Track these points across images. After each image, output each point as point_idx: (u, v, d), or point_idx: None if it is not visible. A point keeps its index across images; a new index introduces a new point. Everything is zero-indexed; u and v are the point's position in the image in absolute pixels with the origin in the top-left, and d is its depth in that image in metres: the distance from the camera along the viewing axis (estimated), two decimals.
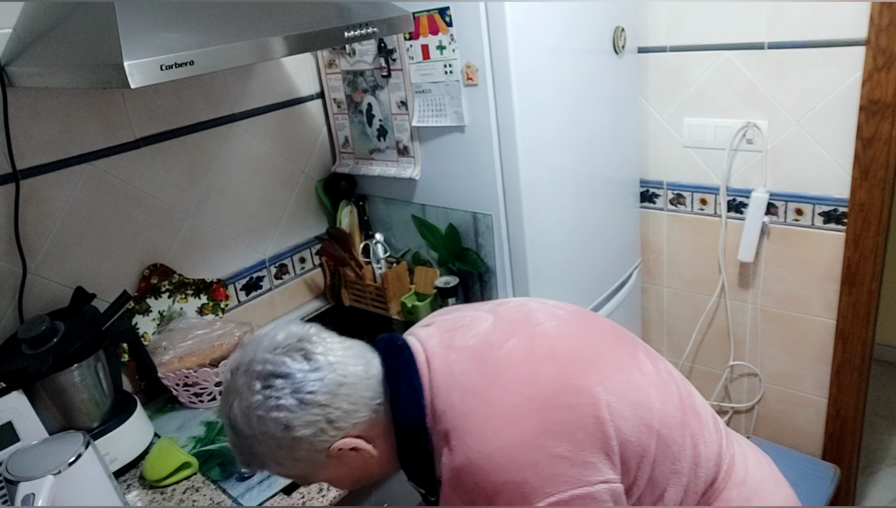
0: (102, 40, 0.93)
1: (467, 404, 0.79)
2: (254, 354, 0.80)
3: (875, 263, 1.63)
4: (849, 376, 1.76)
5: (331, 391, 0.78)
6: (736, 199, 1.80)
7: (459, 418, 0.79)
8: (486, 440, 0.76)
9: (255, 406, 0.77)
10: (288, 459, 0.79)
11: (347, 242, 1.73)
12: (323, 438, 0.78)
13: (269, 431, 0.77)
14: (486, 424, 0.77)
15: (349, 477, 0.85)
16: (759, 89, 1.67)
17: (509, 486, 0.74)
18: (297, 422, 0.76)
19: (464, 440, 0.77)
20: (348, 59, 1.64)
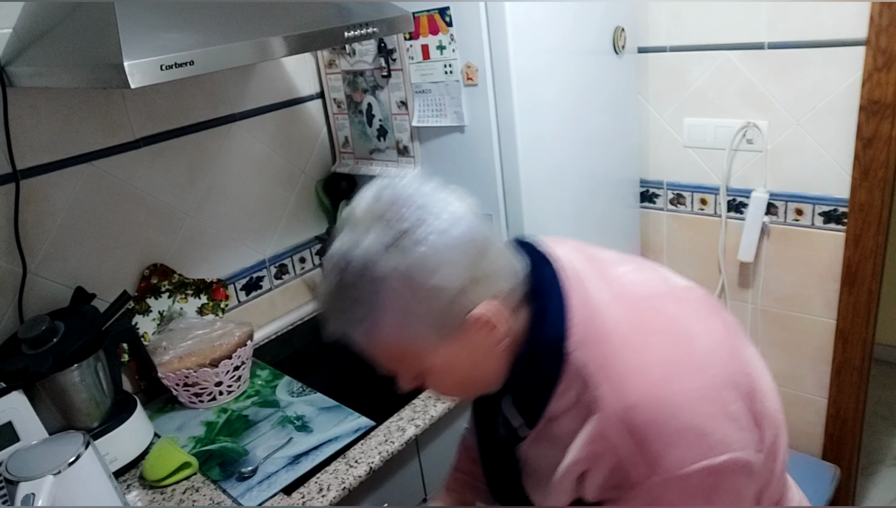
0: (102, 40, 0.93)
1: (643, 334, 0.70)
2: (398, 185, 0.68)
3: (875, 263, 1.63)
4: (849, 376, 1.76)
5: (481, 245, 0.68)
6: (736, 199, 1.80)
7: (632, 347, 0.69)
8: (675, 374, 0.67)
9: (400, 237, 0.64)
10: (416, 315, 0.66)
11: None
12: (463, 299, 0.66)
13: (411, 271, 0.64)
14: (672, 356, 0.69)
15: (463, 368, 0.72)
16: (759, 89, 1.67)
17: (693, 431, 0.65)
18: (446, 267, 0.65)
19: (642, 371, 0.67)
20: (348, 59, 1.64)
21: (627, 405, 0.66)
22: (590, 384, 0.69)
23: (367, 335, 0.68)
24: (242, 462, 1.23)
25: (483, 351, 0.71)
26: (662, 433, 0.65)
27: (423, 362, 0.71)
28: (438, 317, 0.67)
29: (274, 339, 1.72)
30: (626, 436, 0.66)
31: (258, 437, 1.30)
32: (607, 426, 0.67)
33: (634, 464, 0.65)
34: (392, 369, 0.73)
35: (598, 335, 0.71)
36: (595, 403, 0.68)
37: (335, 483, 1.16)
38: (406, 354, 0.70)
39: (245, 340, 1.46)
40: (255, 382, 1.50)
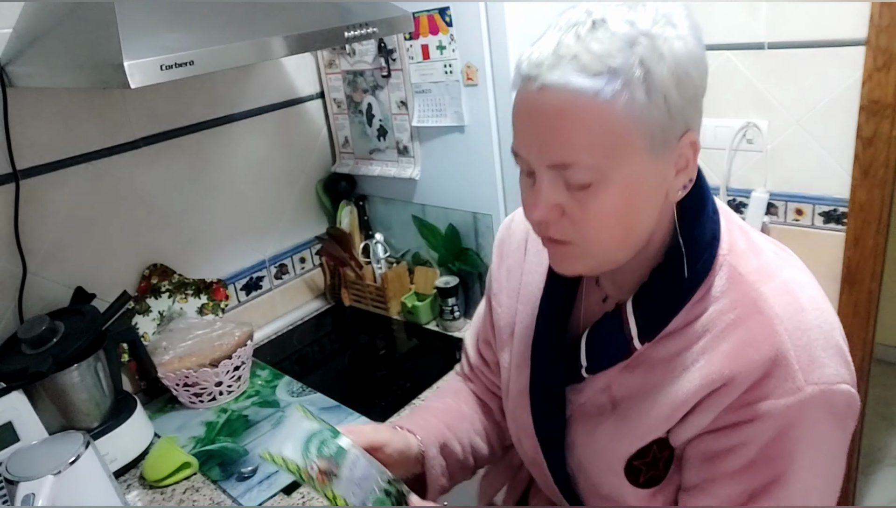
0: (102, 40, 0.93)
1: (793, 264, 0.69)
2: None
3: (875, 263, 1.63)
4: None
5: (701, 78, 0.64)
6: (736, 199, 1.80)
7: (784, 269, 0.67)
8: (824, 301, 0.66)
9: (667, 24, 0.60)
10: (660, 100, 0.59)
11: (347, 242, 1.74)
12: (690, 109, 0.62)
13: (674, 50, 0.59)
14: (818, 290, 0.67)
15: (633, 198, 0.62)
16: (759, 89, 1.67)
17: (843, 355, 0.64)
18: (700, 65, 0.62)
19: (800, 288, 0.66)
20: (348, 59, 1.64)
21: (799, 306, 0.63)
22: (747, 283, 0.65)
23: (598, 96, 0.57)
24: (242, 462, 1.23)
25: (659, 192, 0.64)
26: (825, 344, 0.62)
27: (620, 162, 0.59)
28: (672, 115, 0.59)
29: (274, 339, 1.72)
30: (795, 336, 0.62)
31: (258, 437, 1.30)
32: (777, 323, 0.62)
33: (798, 368, 0.61)
34: (574, 155, 0.59)
35: (749, 245, 0.68)
36: (760, 302, 0.64)
37: None
38: (615, 140, 0.58)
39: (245, 340, 1.46)
40: (255, 382, 1.50)
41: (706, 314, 0.66)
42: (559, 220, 0.63)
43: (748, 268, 0.67)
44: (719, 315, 0.65)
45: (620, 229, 0.63)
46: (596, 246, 0.64)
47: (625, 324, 0.70)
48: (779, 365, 0.61)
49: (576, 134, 0.58)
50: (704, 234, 0.67)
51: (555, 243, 0.66)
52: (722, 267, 0.67)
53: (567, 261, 0.67)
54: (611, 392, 0.73)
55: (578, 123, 0.58)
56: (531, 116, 0.60)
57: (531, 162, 0.62)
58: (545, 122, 0.59)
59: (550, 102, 0.58)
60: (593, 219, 0.62)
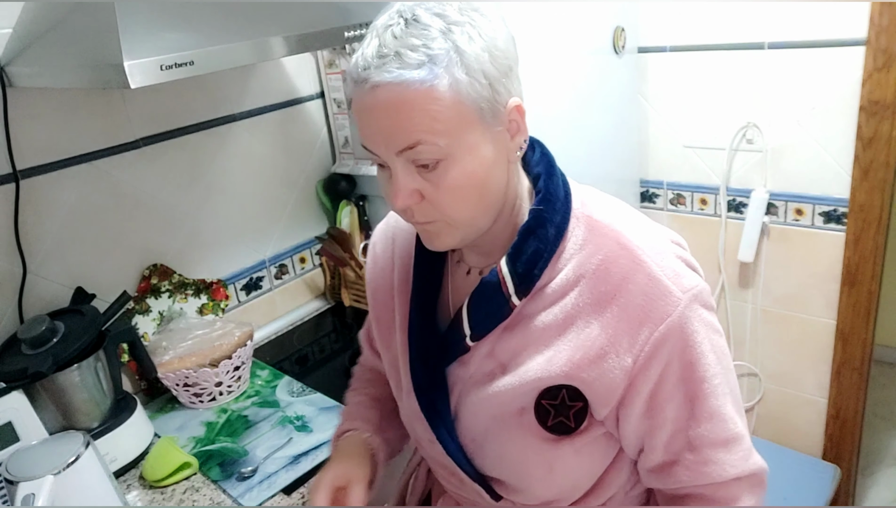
0: (102, 40, 0.93)
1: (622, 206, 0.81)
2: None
3: (875, 263, 1.63)
4: (849, 376, 1.76)
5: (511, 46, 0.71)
6: (736, 199, 1.80)
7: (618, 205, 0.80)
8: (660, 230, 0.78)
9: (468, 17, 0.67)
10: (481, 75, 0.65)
11: (347, 242, 1.74)
12: (509, 79, 0.69)
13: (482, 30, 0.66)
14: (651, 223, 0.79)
15: (482, 167, 0.68)
16: (759, 89, 1.67)
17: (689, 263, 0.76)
18: (507, 43, 0.69)
19: (641, 220, 0.78)
20: (348, 59, 1.64)
21: (652, 237, 0.74)
22: (607, 228, 0.74)
23: (424, 84, 0.63)
24: (242, 462, 1.23)
25: (501, 156, 0.70)
26: (679, 257, 0.74)
27: (458, 137, 0.65)
28: (493, 87, 0.66)
29: (274, 339, 1.72)
30: (657, 261, 0.71)
31: (258, 437, 1.30)
32: (641, 254, 0.72)
33: (671, 284, 0.70)
34: (417, 136, 0.65)
35: (593, 198, 0.79)
36: (622, 241, 0.73)
37: None
38: (449, 119, 0.64)
39: (245, 340, 1.46)
40: (255, 382, 1.50)
41: (574, 262, 0.74)
42: (420, 204, 0.70)
43: (602, 215, 0.76)
44: (588, 260, 0.73)
45: (475, 198, 0.70)
46: (458, 218, 0.70)
47: (502, 284, 0.75)
48: (655, 287, 0.70)
49: (413, 120, 0.64)
50: (558, 191, 0.76)
51: (422, 225, 0.73)
52: (579, 219, 0.76)
53: (438, 238, 0.73)
54: (496, 356, 0.78)
55: (413, 111, 0.64)
56: (371, 114, 0.66)
57: (381, 154, 0.68)
58: (384, 115, 0.65)
59: (384, 98, 0.64)
60: (448, 194, 0.68)
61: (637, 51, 1.80)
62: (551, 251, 0.74)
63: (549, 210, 0.74)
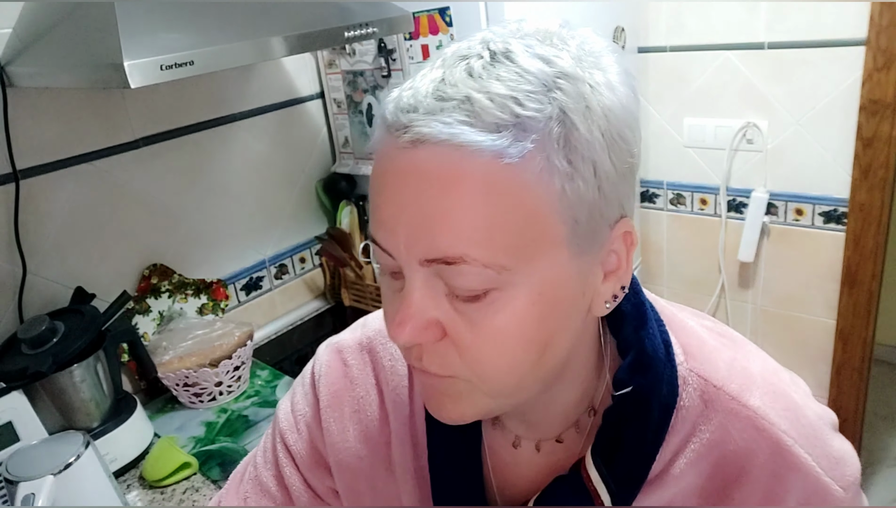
0: (102, 40, 0.93)
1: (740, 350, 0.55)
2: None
3: (875, 263, 1.63)
4: (849, 376, 1.76)
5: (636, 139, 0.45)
6: (736, 199, 1.80)
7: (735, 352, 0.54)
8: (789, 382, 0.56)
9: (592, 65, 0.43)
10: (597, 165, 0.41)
11: (347, 242, 1.74)
12: (627, 189, 0.45)
13: (623, 105, 0.43)
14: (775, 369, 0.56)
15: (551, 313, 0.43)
16: (759, 89, 1.67)
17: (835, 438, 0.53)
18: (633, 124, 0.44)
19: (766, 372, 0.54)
20: (348, 59, 1.64)
21: (793, 406, 0.51)
22: (733, 406, 0.50)
23: (501, 159, 0.39)
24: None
25: (584, 302, 0.46)
26: (831, 428, 0.53)
27: (529, 261, 0.41)
28: (604, 192, 0.42)
29: (274, 339, 1.72)
30: (811, 448, 0.49)
31: (258, 437, 1.30)
32: (790, 442, 0.49)
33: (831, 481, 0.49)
34: (463, 247, 0.39)
35: (700, 343, 0.53)
36: (758, 420, 0.49)
37: None
38: (525, 226, 0.40)
39: (245, 340, 1.46)
40: (255, 382, 1.50)
41: (690, 450, 0.50)
42: (438, 344, 0.43)
43: (721, 376, 0.51)
44: (711, 451, 0.49)
45: (532, 356, 0.44)
46: (496, 381, 0.44)
47: (591, 493, 0.50)
48: (815, 493, 0.48)
49: (465, 215, 0.39)
50: (657, 347, 0.50)
51: (432, 377, 0.45)
52: (686, 381, 0.51)
53: (452, 404, 0.46)
54: None
55: (470, 198, 0.39)
56: (398, 187, 0.41)
57: (397, 255, 0.42)
58: (419, 195, 0.40)
59: (427, 164, 0.39)
60: (491, 343, 0.42)
61: (637, 51, 1.80)
62: (660, 440, 0.50)
63: (650, 380, 0.49)
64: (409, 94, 0.42)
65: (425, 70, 0.44)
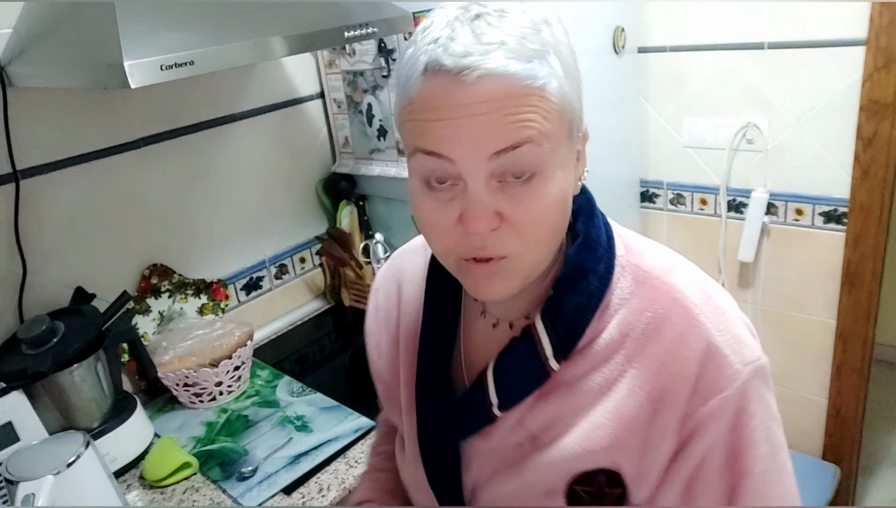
0: (102, 40, 0.93)
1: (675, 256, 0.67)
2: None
3: (875, 263, 1.63)
4: (849, 376, 1.76)
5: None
6: (736, 199, 1.80)
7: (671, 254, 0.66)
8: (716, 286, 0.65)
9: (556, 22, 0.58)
10: (574, 89, 0.57)
11: (347, 242, 1.74)
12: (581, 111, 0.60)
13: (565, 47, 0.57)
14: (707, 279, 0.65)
15: (561, 189, 0.57)
16: (759, 89, 1.67)
17: (745, 331, 0.61)
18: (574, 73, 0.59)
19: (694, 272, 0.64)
20: (348, 59, 1.64)
21: (708, 291, 0.62)
22: (655, 279, 0.62)
23: (537, 80, 0.53)
24: (242, 462, 1.23)
25: (568, 183, 0.59)
26: (739, 321, 0.61)
27: (557, 149, 0.56)
28: (579, 99, 0.59)
29: (274, 339, 1.72)
30: (716, 322, 0.59)
31: (258, 437, 1.30)
32: (697, 312, 0.60)
33: (730, 353, 0.58)
34: (526, 133, 0.53)
35: (642, 246, 0.66)
36: (675, 295, 0.61)
37: (335, 483, 1.16)
38: (556, 123, 0.55)
39: (245, 340, 1.46)
40: (255, 382, 1.50)
41: (619, 319, 0.62)
42: (497, 232, 0.55)
43: (651, 264, 0.63)
44: (635, 317, 0.61)
45: (558, 227, 0.59)
46: (536, 250, 0.58)
47: (537, 345, 0.62)
48: (712, 356, 0.58)
49: (522, 116, 0.53)
50: (599, 235, 0.64)
51: (485, 263, 0.57)
52: (625, 268, 0.64)
53: (500, 282, 0.58)
54: (526, 427, 0.65)
55: (525, 106, 0.53)
56: (465, 110, 0.52)
57: (463, 161, 0.54)
58: (485, 110, 0.52)
59: (489, 90, 0.52)
60: (537, 216, 0.56)
61: (637, 51, 1.80)
62: (594, 307, 0.62)
63: (590, 258, 0.62)
64: (456, 45, 0.53)
65: (443, 31, 0.54)
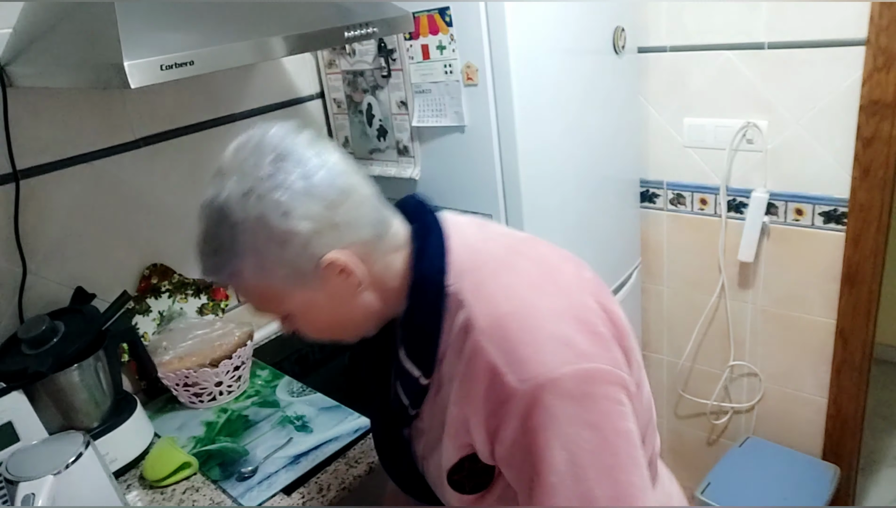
0: (102, 40, 0.93)
1: (511, 258, 0.75)
2: (264, 134, 0.73)
3: (875, 263, 1.63)
4: (849, 376, 1.76)
5: (342, 191, 0.70)
6: (736, 199, 1.80)
7: (503, 267, 0.74)
8: (538, 290, 0.72)
9: (257, 185, 0.68)
10: (272, 260, 0.69)
11: None
12: (318, 242, 0.69)
13: (265, 216, 0.67)
14: (537, 278, 0.73)
15: (325, 311, 0.75)
16: (759, 89, 1.67)
17: (560, 339, 0.67)
18: (299, 211, 0.67)
19: (510, 286, 0.72)
20: (348, 59, 1.64)
21: (497, 315, 0.69)
22: (465, 307, 0.71)
23: (231, 279, 0.72)
24: (242, 462, 1.23)
25: (343, 296, 0.74)
26: (530, 340, 0.67)
27: (286, 305, 0.74)
28: (293, 261, 0.69)
29: (274, 339, 1.72)
30: (497, 345, 0.67)
31: (258, 437, 1.30)
32: (481, 338, 0.68)
33: (507, 372, 0.66)
34: (261, 310, 0.76)
35: (474, 264, 0.74)
36: (469, 322, 0.70)
37: (335, 483, 1.16)
38: (269, 297, 0.73)
39: (245, 340, 1.46)
40: (255, 382, 1.50)
41: (448, 343, 0.73)
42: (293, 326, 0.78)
43: (468, 289, 0.72)
44: (453, 340, 0.72)
45: (330, 333, 0.78)
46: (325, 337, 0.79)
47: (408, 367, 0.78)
48: (493, 381, 0.66)
49: (247, 300, 0.77)
50: (433, 267, 0.74)
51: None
52: (449, 297, 0.73)
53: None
54: (421, 421, 0.81)
55: (242, 295, 0.77)
56: None
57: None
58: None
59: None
60: (308, 331, 0.78)
61: (637, 51, 1.80)
62: (436, 335, 0.74)
63: (421, 302, 0.74)
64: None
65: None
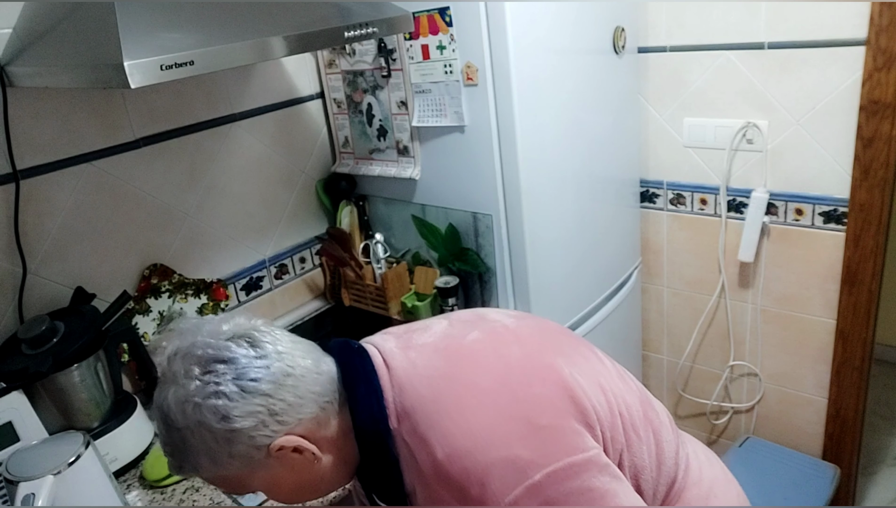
0: (102, 40, 0.93)
1: (436, 389, 0.75)
2: (194, 339, 0.75)
3: (875, 263, 1.63)
4: (849, 376, 1.76)
5: (276, 380, 0.72)
6: (736, 199, 1.80)
7: (430, 405, 0.74)
8: (465, 420, 0.72)
9: (192, 394, 0.71)
10: (223, 455, 0.72)
11: (347, 242, 1.73)
12: (263, 432, 0.72)
13: (205, 421, 0.70)
14: (461, 403, 0.73)
15: (291, 483, 0.78)
16: (759, 89, 1.67)
17: (500, 463, 0.69)
18: (237, 412, 0.70)
19: (441, 426, 0.72)
20: (348, 59, 1.64)
21: (437, 464, 0.72)
22: (414, 453, 0.75)
23: (194, 473, 0.76)
24: None
25: (304, 467, 0.77)
26: (474, 477, 0.70)
27: (253, 485, 0.77)
28: (244, 453, 0.72)
29: None
30: (449, 492, 0.71)
31: None
32: (435, 487, 0.73)
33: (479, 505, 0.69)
34: (232, 493, 0.85)
35: (406, 408, 0.76)
36: (420, 470, 0.74)
37: None
38: (234, 482, 0.77)
39: None
40: None
41: (413, 478, 0.77)
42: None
43: (408, 434, 0.75)
44: (419, 479, 0.75)
45: (300, 497, 0.81)
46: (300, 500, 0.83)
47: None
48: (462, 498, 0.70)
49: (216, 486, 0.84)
50: (368, 427, 0.77)
51: None
52: (395, 435, 0.76)
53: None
54: None
55: (207, 481, 0.79)
56: None
57: None
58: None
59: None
60: (279, 500, 0.82)
61: (637, 51, 1.80)
62: (397, 475, 0.78)
63: (368, 447, 0.78)
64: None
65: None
